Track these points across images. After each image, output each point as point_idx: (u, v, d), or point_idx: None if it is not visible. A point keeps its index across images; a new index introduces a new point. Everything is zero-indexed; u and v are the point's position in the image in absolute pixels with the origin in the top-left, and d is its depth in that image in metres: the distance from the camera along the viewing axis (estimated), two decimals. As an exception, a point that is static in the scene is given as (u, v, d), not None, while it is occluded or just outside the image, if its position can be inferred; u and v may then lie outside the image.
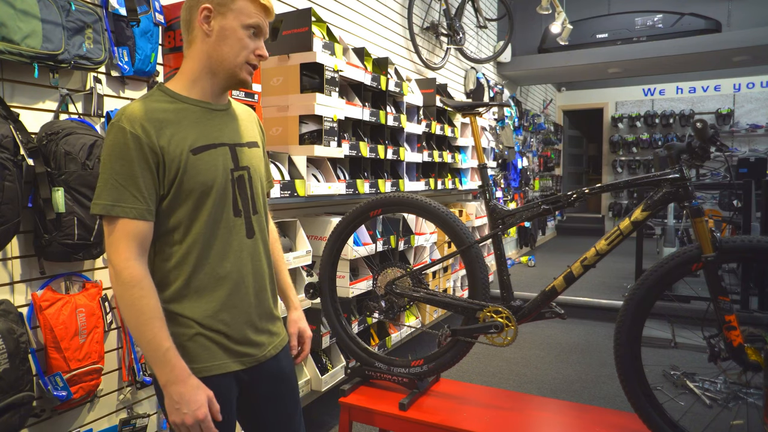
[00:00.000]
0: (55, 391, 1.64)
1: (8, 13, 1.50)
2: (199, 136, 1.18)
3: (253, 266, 1.27)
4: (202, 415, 1.09)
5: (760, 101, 9.24)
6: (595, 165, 12.41)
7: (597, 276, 5.90)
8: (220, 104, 1.27)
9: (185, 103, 1.20)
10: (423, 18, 4.63)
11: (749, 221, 4.13)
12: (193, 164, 1.15)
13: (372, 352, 2.03)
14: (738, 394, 2.96)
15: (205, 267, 1.19)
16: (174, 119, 1.16)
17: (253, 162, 1.29)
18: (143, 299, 1.09)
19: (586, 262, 1.71)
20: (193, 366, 1.17)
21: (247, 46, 1.21)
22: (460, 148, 4.55)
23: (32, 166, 1.57)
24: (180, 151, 1.14)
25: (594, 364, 3.65)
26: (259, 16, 1.21)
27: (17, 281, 1.68)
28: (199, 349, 1.19)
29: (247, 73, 1.23)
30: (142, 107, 1.15)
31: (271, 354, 1.32)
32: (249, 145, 1.30)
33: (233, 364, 1.23)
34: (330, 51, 2.59)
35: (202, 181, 1.16)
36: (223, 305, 1.22)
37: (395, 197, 1.95)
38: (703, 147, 1.59)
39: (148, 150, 1.11)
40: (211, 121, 1.22)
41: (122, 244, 1.10)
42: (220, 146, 1.21)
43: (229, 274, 1.22)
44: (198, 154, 1.16)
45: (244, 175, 1.25)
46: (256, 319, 1.28)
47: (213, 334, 1.20)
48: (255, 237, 1.28)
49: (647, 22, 6.82)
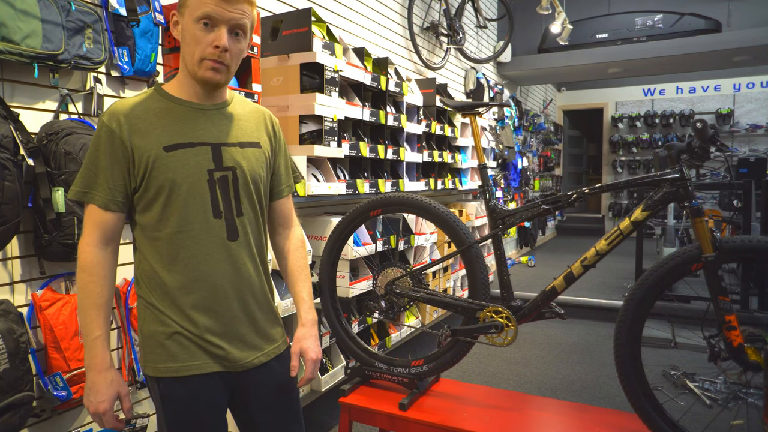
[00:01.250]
0: (55, 391, 1.65)
1: (8, 13, 1.50)
2: (176, 135, 1.18)
3: (234, 270, 1.22)
4: (102, 409, 1.14)
5: (760, 101, 9.24)
6: (595, 165, 12.41)
7: (597, 276, 5.90)
8: (212, 104, 1.24)
9: (173, 102, 1.21)
10: (423, 18, 4.63)
11: (749, 221, 4.13)
12: (164, 161, 1.15)
13: (372, 352, 2.03)
14: (738, 394, 2.96)
15: (179, 266, 1.19)
16: (155, 117, 1.18)
17: (244, 163, 1.23)
18: (90, 285, 1.14)
19: (586, 262, 1.71)
20: (171, 365, 1.19)
21: (199, 41, 1.13)
22: (460, 148, 4.55)
23: (32, 166, 1.57)
24: (151, 148, 1.15)
25: (594, 364, 3.65)
26: (209, 5, 1.11)
27: (17, 281, 1.68)
28: (177, 348, 1.19)
29: (208, 69, 1.15)
30: (126, 104, 1.19)
31: (261, 361, 1.28)
32: (242, 146, 1.25)
33: (214, 365, 1.21)
34: (330, 51, 2.59)
35: (171, 178, 1.16)
36: (200, 307, 1.20)
37: (395, 197, 1.95)
38: (703, 147, 1.59)
39: (119, 144, 1.14)
40: (195, 121, 1.21)
41: (87, 229, 1.16)
42: (199, 145, 1.19)
43: (205, 276, 1.19)
44: (171, 151, 1.16)
45: (227, 175, 1.21)
46: (240, 324, 1.24)
47: (191, 334, 1.20)
48: (239, 240, 1.22)
49: (647, 22, 6.82)
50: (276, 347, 1.34)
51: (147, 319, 1.22)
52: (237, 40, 1.17)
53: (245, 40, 1.19)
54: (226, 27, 1.14)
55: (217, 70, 1.16)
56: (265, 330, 1.31)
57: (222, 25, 1.13)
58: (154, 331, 1.20)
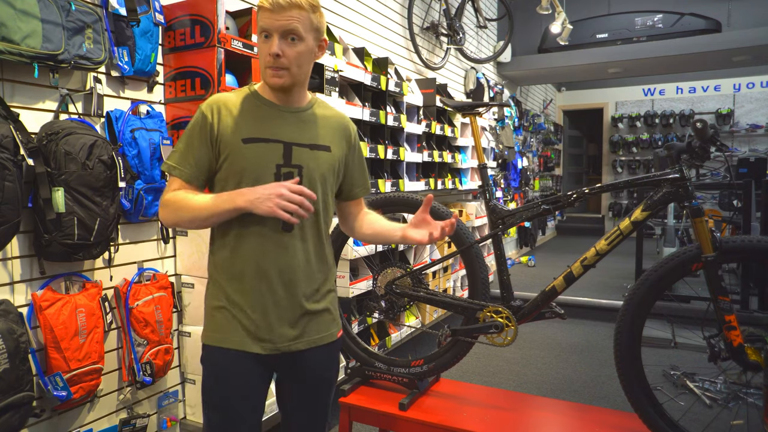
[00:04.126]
0: (55, 391, 1.65)
1: (8, 13, 1.50)
2: (255, 130, 1.30)
3: (282, 259, 1.30)
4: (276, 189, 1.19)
5: (760, 101, 9.24)
6: (595, 165, 12.41)
7: (597, 276, 5.88)
8: (292, 107, 1.35)
9: (259, 102, 1.34)
10: (423, 18, 4.63)
11: (749, 221, 4.13)
12: (241, 151, 1.28)
13: (372, 352, 2.03)
14: (738, 394, 2.96)
15: (236, 246, 1.30)
16: (242, 111, 1.31)
17: (311, 163, 1.32)
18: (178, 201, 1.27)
19: (586, 262, 1.71)
20: (215, 334, 1.32)
21: (262, 51, 1.27)
22: (460, 148, 4.54)
23: (32, 166, 1.57)
24: (233, 138, 1.28)
25: (594, 364, 3.65)
26: (264, 19, 1.23)
27: (17, 281, 1.68)
28: (223, 321, 1.31)
29: (271, 76, 1.26)
30: (224, 96, 1.34)
31: (298, 348, 1.33)
32: (313, 147, 1.33)
33: (253, 345, 1.30)
34: (330, 51, 2.59)
35: (244, 167, 1.28)
36: (248, 288, 1.29)
37: (395, 197, 1.95)
38: (703, 147, 1.59)
39: (209, 129, 1.29)
40: (273, 120, 1.32)
41: (169, 190, 1.30)
42: (273, 142, 1.29)
43: (256, 260, 1.29)
44: (248, 144, 1.28)
45: (293, 172, 1.30)
46: (284, 310, 1.31)
47: (237, 312, 1.30)
48: (293, 233, 1.30)
49: (647, 22, 6.82)
50: (321, 338, 1.38)
51: (207, 292, 1.36)
52: (292, 44, 1.25)
53: (303, 42, 1.26)
54: (278, 34, 1.23)
55: (278, 75, 1.26)
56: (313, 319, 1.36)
57: (274, 34, 1.24)
58: (209, 304, 1.35)
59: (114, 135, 1.89)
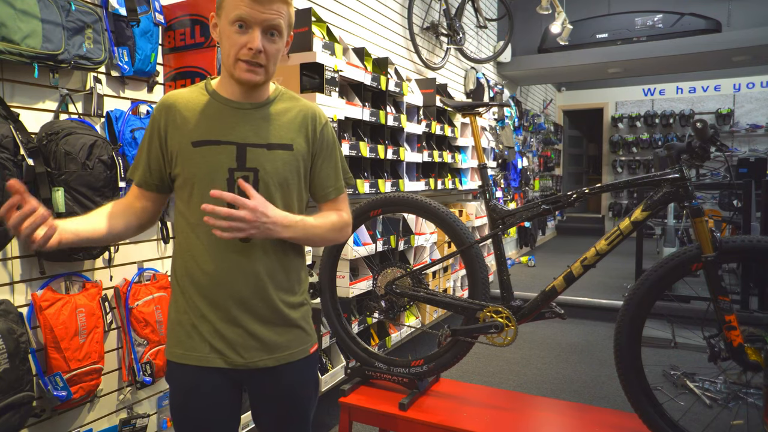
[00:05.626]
0: (55, 391, 1.65)
1: (8, 13, 1.50)
2: (207, 131, 1.20)
3: (242, 268, 1.20)
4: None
5: (760, 101, 9.24)
6: (595, 165, 12.40)
7: (597, 276, 5.89)
8: (250, 102, 1.23)
9: (212, 98, 1.23)
10: (423, 18, 4.63)
11: (749, 221, 4.13)
12: (190, 156, 1.20)
13: (372, 352, 2.03)
14: (738, 394, 2.96)
15: (192, 257, 1.22)
16: (193, 110, 1.22)
17: (267, 165, 1.20)
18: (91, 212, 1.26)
19: (586, 262, 1.71)
20: (176, 350, 1.24)
21: (234, 42, 1.14)
22: (460, 148, 4.54)
23: (32, 166, 1.57)
24: (181, 141, 1.20)
25: (594, 364, 3.65)
26: (243, 7, 1.11)
27: (17, 281, 1.68)
28: (183, 335, 1.23)
29: (244, 71, 1.15)
30: (176, 94, 1.26)
31: (266, 365, 1.24)
32: (270, 147, 1.21)
33: (217, 359, 1.21)
34: (330, 51, 2.59)
35: (194, 173, 1.20)
36: (206, 299, 1.21)
37: (395, 197, 1.95)
38: (703, 147, 1.59)
39: (157, 132, 1.23)
40: (227, 119, 1.21)
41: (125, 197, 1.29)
42: (225, 144, 1.19)
43: (213, 270, 1.20)
44: (198, 147, 1.19)
45: (248, 176, 1.19)
46: (247, 323, 1.22)
47: (199, 324, 1.22)
48: (252, 242, 1.20)
49: (647, 22, 6.82)
50: (290, 354, 1.27)
51: (171, 301, 1.29)
52: (272, 40, 1.16)
53: (282, 39, 1.19)
54: (260, 28, 1.13)
55: (254, 72, 1.16)
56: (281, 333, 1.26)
57: (256, 27, 1.13)
58: (170, 315, 1.27)
59: (114, 135, 1.89)
